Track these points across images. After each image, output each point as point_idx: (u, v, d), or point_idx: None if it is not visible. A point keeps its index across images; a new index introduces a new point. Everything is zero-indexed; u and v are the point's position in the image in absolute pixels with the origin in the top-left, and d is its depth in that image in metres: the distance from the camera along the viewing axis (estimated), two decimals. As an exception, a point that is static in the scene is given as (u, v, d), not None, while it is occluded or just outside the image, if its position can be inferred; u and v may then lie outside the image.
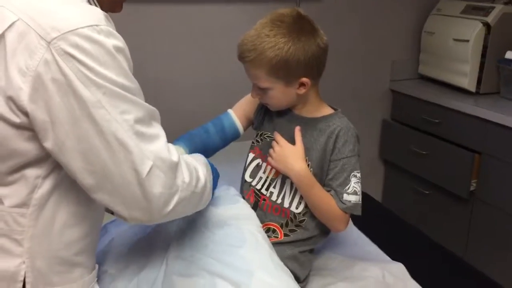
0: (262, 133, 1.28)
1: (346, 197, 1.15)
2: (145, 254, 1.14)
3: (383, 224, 1.69)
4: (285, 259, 1.20)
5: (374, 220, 1.69)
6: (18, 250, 0.86)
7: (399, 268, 1.32)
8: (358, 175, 1.18)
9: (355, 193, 1.16)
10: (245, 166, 1.30)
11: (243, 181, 1.30)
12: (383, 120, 2.70)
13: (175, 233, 1.17)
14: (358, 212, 1.18)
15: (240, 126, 1.32)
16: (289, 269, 1.19)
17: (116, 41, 0.83)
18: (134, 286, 1.08)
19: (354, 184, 1.16)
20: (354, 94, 2.60)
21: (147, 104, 0.88)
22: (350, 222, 1.56)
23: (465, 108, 2.17)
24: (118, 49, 0.82)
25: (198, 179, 0.97)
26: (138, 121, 0.84)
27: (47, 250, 0.88)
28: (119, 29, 0.87)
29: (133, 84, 0.86)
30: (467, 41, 2.22)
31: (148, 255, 1.14)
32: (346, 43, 2.48)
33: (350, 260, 1.34)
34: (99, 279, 1.11)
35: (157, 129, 0.89)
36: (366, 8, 2.48)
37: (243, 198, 1.28)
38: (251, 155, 1.30)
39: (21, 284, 0.87)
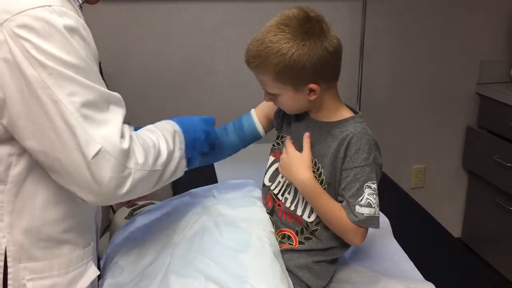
0: (282, 135, 1.24)
1: (358, 209, 1.07)
2: (156, 250, 1.16)
3: (432, 242, 1.54)
4: (296, 268, 1.16)
5: (423, 236, 1.56)
6: None
7: (428, 289, 1.19)
8: (374, 186, 1.08)
9: (369, 205, 1.07)
10: (265, 170, 1.28)
11: (263, 184, 1.28)
12: (468, 126, 2.47)
13: (188, 232, 1.18)
14: (374, 226, 1.09)
15: (260, 127, 1.30)
16: (300, 279, 1.16)
17: (69, 20, 0.84)
18: (137, 281, 1.10)
19: (368, 195, 1.07)
20: (437, 97, 2.42)
21: (103, 88, 0.89)
22: (390, 235, 1.46)
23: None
24: (70, 28, 0.84)
25: (157, 156, 0.95)
26: (87, 104, 0.84)
27: (29, 226, 0.93)
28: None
29: (86, 65, 0.86)
30: None
31: (158, 251, 1.16)
32: (427, 41, 2.32)
33: (376, 276, 1.24)
34: (109, 270, 1.16)
35: (113, 114, 0.89)
36: (451, 2, 2.29)
37: (263, 202, 1.26)
38: (271, 158, 1.26)
39: (3, 257, 0.92)
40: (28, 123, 0.83)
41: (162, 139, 0.99)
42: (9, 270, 0.92)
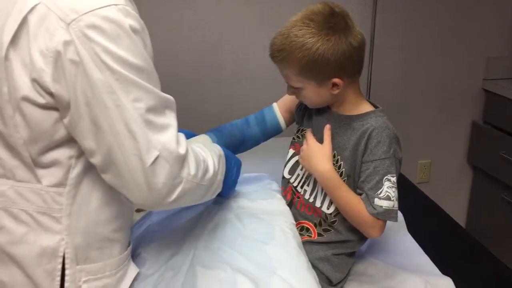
0: (302, 129, 1.25)
1: (377, 201, 1.08)
2: (178, 242, 1.17)
3: (445, 236, 1.55)
4: (316, 260, 1.17)
5: (437, 230, 1.57)
6: (57, 227, 0.90)
7: (446, 283, 1.20)
8: (393, 179, 1.09)
9: (388, 198, 1.08)
10: (285, 162, 1.28)
11: (282, 177, 1.28)
12: (473, 122, 2.48)
13: (209, 224, 1.18)
14: (393, 219, 1.10)
15: (281, 120, 1.30)
16: (320, 271, 1.17)
17: (133, 21, 0.83)
18: (162, 273, 1.10)
19: (387, 188, 1.08)
20: (443, 92, 2.43)
21: (161, 92, 0.89)
22: (404, 229, 1.47)
23: None
24: (134, 29, 0.83)
25: (206, 171, 0.96)
26: (150, 109, 0.84)
27: (85, 227, 0.93)
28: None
29: (149, 67, 0.86)
30: None
31: (180, 243, 1.16)
32: (435, 37, 2.33)
33: (393, 269, 1.25)
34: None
35: (169, 119, 0.89)
36: (459, -1, 2.30)
37: (282, 194, 1.26)
38: (291, 151, 1.27)
39: (61, 260, 0.91)
40: (89, 125, 0.83)
41: (210, 158, 1.00)
42: (66, 272, 0.92)
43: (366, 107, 1.16)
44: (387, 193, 1.08)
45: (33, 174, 0.88)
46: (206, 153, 1.01)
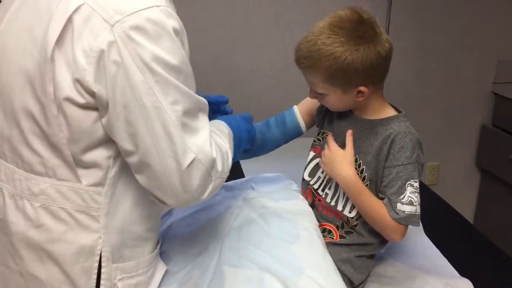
0: (323, 132, 1.25)
1: (400, 206, 1.09)
2: (203, 241, 1.17)
3: (460, 237, 1.56)
4: (339, 262, 1.17)
5: (451, 232, 1.58)
6: (95, 225, 0.91)
7: (466, 286, 1.21)
8: (416, 184, 1.10)
9: (410, 203, 1.09)
10: (305, 165, 1.29)
11: (302, 179, 1.29)
12: (483, 125, 2.50)
13: (234, 224, 1.19)
14: (415, 223, 1.10)
15: (302, 123, 1.30)
16: (343, 272, 1.17)
17: (174, 22, 0.83)
18: (189, 270, 1.11)
19: (410, 193, 1.09)
20: (452, 94, 2.44)
21: (196, 95, 0.89)
22: (421, 231, 1.47)
23: None
24: (176, 30, 0.83)
25: (228, 164, 0.97)
26: (186, 112, 0.85)
27: (121, 226, 0.94)
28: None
29: (187, 68, 0.86)
30: None
31: (205, 242, 1.17)
32: (446, 39, 2.34)
33: (413, 271, 1.26)
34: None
35: (203, 122, 0.90)
36: (470, 2, 2.31)
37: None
38: (311, 154, 1.27)
39: (98, 258, 0.92)
40: (126, 125, 0.83)
41: (226, 144, 1.00)
42: (102, 270, 0.93)
43: (389, 112, 1.16)
44: (410, 198, 1.09)
45: (74, 173, 0.89)
46: (222, 139, 1.01)
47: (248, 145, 1.18)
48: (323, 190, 1.22)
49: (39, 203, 0.90)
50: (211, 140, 0.90)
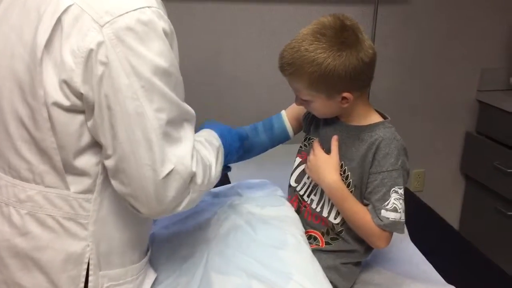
0: (310, 137, 1.26)
1: (384, 213, 1.09)
2: (190, 248, 1.16)
3: (445, 243, 1.57)
4: (325, 269, 1.16)
5: (437, 239, 1.59)
6: (83, 233, 0.90)
7: (451, 292, 1.22)
8: (400, 191, 1.10)
9: (395, 210, 1.09)
10: (292, 171, 1.28)
11: (289, 185, 1.28)
12: (467, 132, 2.52)
13: (220, 230, 1.18)
14: (399, 231, 1.11)
15: (289, 128, 1.31)
16: (329, 280, 1.16)
17: (165, 25, 0.83)
18: (176, 277, 1.10)
19: (395, 200, 1.09)
20: (437, 102, 2.46)
21: (184, 103, 0.88)
22: (407, 237, 1.48)
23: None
24: (166, 32, 0.83)
25: (209, 178, 0.95)
26: (170, 121, 0.83)
27: (110, 233, 0.92)
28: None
29: (176, 72, 0.85)
30: None
31: (192, 249, 1.16)
32: (431, 48, 2.36)
33: (399, 278, 1.27)
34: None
35: (187, 132, 0.88)
36: (455, 11, 2.34)
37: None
38: (298, 160, 1.28)
39: (86, 266, 0.91)
40: (108, 127, 0.82)
41: (213, 158, 0.97)
42: (90, 278, 0.91)
43: (375, 118, 1.17)
44: (394, 205, 1.09)
45: (62, 180, 0.87)
46: (210, 152, 0.99)
47: (234, 160, 1.20)
48: (308, 196, 1.22)
49: (25, 210, 0.89)
50: (194, 152, 0.88)
